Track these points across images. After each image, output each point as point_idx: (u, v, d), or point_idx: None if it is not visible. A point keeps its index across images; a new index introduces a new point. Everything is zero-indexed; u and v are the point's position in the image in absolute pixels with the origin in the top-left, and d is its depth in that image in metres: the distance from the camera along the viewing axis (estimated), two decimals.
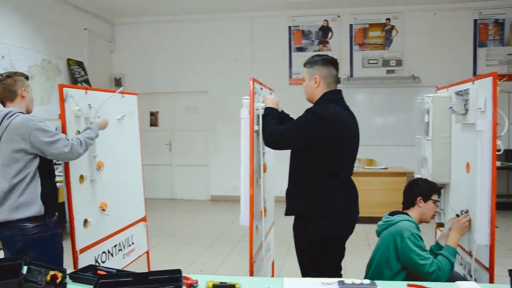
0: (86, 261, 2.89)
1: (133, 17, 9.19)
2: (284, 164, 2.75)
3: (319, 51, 8.63)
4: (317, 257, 2.61)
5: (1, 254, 2.78)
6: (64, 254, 2.81)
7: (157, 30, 9.26)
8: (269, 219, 3.33)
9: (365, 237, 5.80)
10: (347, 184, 2.69)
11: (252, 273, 2.64)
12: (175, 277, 1.79)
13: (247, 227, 2.65)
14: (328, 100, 2.64)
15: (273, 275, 3.83)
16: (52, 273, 1.89)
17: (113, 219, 3.42)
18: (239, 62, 8.90)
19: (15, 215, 2.57)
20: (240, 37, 8.99)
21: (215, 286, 1.94)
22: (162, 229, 6.66)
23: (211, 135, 9.16)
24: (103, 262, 3.28)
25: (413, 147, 3.61)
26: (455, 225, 2.73)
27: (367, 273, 2.81)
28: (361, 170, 7.05)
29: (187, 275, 2.02)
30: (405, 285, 2.03)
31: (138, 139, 4.02)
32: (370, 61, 8.60)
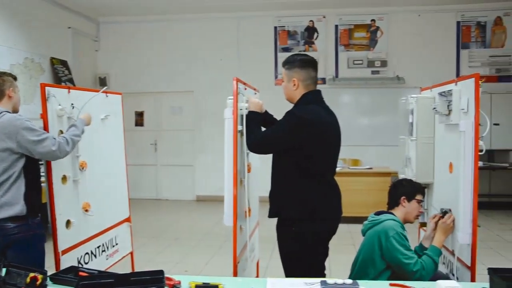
0: (68, 263, 2.84)
1: (118, 16, 9.11)
2: (269, 164, 2.74)
3: (304, 51, 8.65)
4: (301, 258, 2.61)
5: None
6: (46, 255, 2.77)
7: (142, 29, 9.20)
8: (253, 219, 3.32)
9: (350, 237, 5.83)
10: (330, 184, 2.69)
11: (236, 274, 2.63)
12: (158, 278, 1.78)
13: (232, 228, 2.64)
14: (308, 101, 2.64)
15: (258, 275, 3.82)
16: (32, 275, 1.85)
17: (97, 219, 3.38)
18: (225, 62, 8.88)
19: None
20: (226, 37, 8.97)
21: (198, 286, 1.93)
22: (147, 229, 6.61)
23: (197, 135, 9.13)
24: (86, 263, 3.24)
25: (398, 147, 3.63)
26: (441, 226, 2.76)
27: (351, 272, 2.83)
28: (346, 170, 7.08)
29: (170, 275, 2.01)
30: (387, 285, 2.04)
31: (122, 139, 3.98)
32: (355, 62, 8.65)
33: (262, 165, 3.59)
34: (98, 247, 3.44)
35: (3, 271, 1.86)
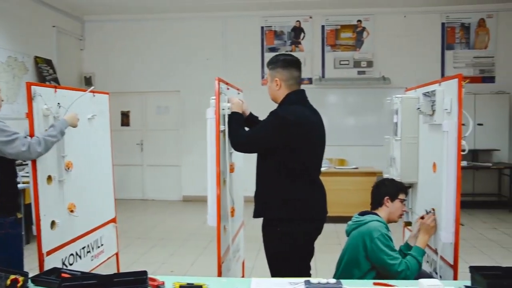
0: (53, 264, 2.81)
1: (104, 15, 9.04)
2: (254, 164, 2.74)
3: (291, 51, 8.67)
4: (287, 258, 2.62)
5: None
6: (30, 256, 2.73)
7: (128, 28, 9.13)
8: (238, 219, 3.32)
9: (336, 236, 5.85)
10: (315, 184, 2.70)
11: (220, 274, 2.62)
12: (141, 278, 1.77)
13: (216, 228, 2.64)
14: (292, 101, 2.65)
15: (243, 275, 3.82)
16: (12, 277, 1.83)
17: (82, 220, 3.36)
18: (212, 62, 8.85)
19: None
20: (212, 37, 8.95)
21: (182, 287, 1.93)
22: (133, 230, 6.57)
23: (183, 135, 9.09)
24: (70, 264, 3.21)
25: (383, 147, 3.66)
26: (422, 226, 2.78)
27: (336, 272, 2.84)
28: (332, 170, 7.12)
29: (154, 276, 2.00)
30: (371, 284, 2.05)
31: (109, 139, 3.95)
32: (341, 62, 8.69)
33: (247, 165, 3.58)
34: (83, 248, 3.41)
35: None
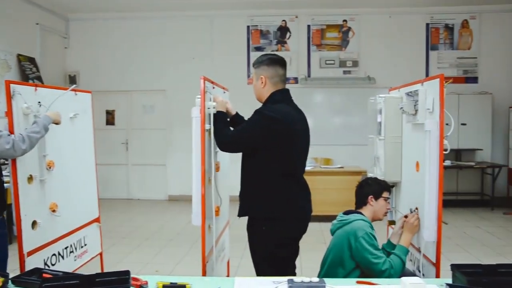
0: (34, 264, 2.77)
1: (88, 13, 8.94)
2: (239, 163, 2.74)
3: (277, 51, 8.69)
4: (271, 257, 2.62)
5: None
6: (12, 257, 2.70)
7: (113, 26, 9.05)
8: (223, 218, 3.32)
9: (321, 235, 5.88)
10: (299, 183, 2.71)
11: (204, 273, 2.61)
12: (123, 278, 1.76)
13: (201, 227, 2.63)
14: (276, 100, 2.66)
15: (228, 274, 3.82)
16: None
17: (64, 220, 3.33)
18: (198, 61, 8.82)
19: None
20: (198, 36, 8.92)
21: (165, 286, 1.92)
22: (117, 230, 6.52)
23: (169, 134, 9.04)
24: (53, 264, 3.18)
25: (367, 146, 3.69)
26: (406, 225, 2.81)
27: (320, 271, 2.85)
28: (318, 169, 7.16)
29: (137, 276, 1.99)
30: (354, 282, 2.06)
31: (91, 138, 3.92)
32: (327, 62, 8.73)
33: (232, 165, 3.58)
34: (65, 248, 3.38)
35: None
